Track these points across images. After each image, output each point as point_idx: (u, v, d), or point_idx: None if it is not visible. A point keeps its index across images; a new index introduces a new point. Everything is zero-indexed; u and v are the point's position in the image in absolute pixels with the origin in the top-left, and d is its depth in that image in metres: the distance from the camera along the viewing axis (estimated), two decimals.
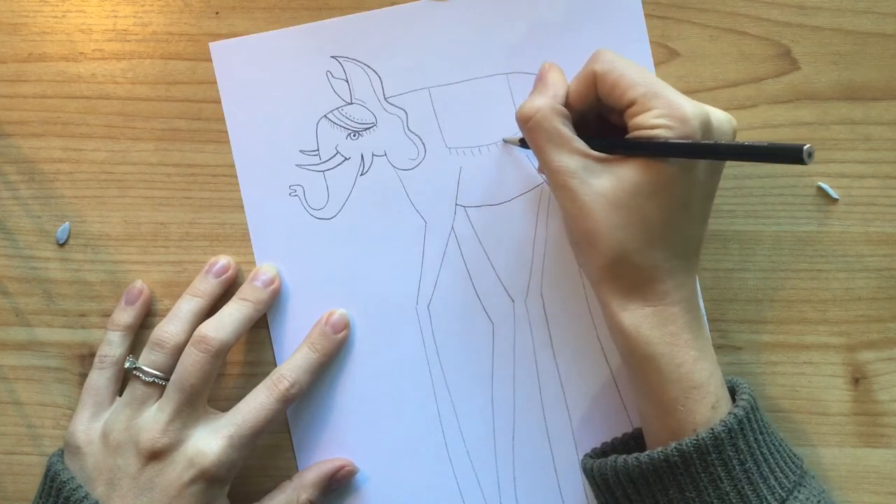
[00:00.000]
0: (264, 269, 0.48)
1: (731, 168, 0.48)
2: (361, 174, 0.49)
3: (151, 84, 0.49)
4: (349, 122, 0.48)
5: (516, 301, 0.48)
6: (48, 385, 0.50)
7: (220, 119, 0.49)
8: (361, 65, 0.48)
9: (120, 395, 0.46)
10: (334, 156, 0.49)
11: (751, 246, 0.48)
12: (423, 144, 0.49)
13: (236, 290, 0.48)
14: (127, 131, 0.49)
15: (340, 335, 0.48)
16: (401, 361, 0.48)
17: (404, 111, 0.49)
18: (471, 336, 0.48)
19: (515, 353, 0.48)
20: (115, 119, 0.49)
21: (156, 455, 0.43)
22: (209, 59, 0.49)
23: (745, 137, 0.48)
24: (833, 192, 0.48)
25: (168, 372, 0.45)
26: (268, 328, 0.49)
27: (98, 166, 0.49)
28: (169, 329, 0.46)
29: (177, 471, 0.43)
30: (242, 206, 0.49)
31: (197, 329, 0.45)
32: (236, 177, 0.49)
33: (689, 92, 0.48)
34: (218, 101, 0.49)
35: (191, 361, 0.44)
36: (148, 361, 0.45)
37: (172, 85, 0.49)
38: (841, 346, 0.48)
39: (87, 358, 0.49)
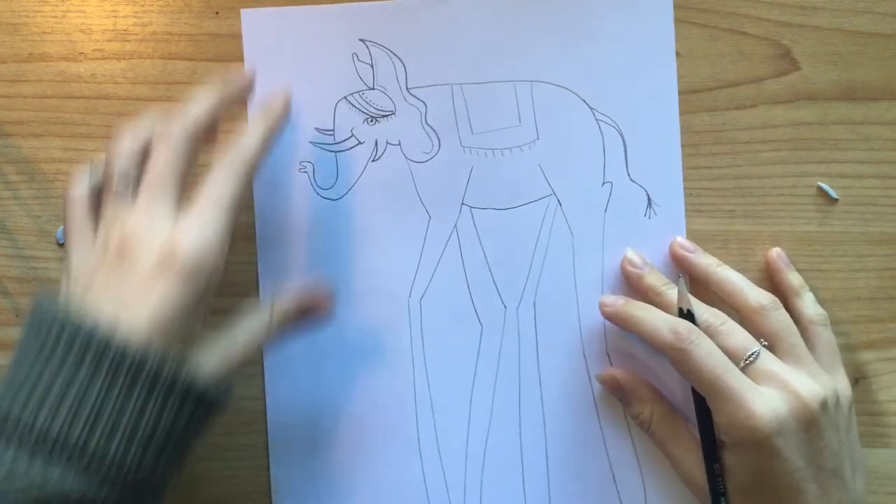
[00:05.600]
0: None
1: (731, 168, 0.48)
2: (373, 160, 0.49)
3: (151, 84, 0.49)
4: (368, 107, 0.48)
5: (508, 307, 0.48)
6: None
7: None
8: (388, 52, 0.48)
9: None
10: (349, 138, 0.48)
11: (751, 246, 0.48)
12: (439, 139, 0.48)
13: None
14: None
15: (283, 107, 0.45)
16: (385, 351, 0.48)
17: (424, 104, 0.48)
18: (458, 336, 0.48)
19: (500, 361, 0.48)
20: (115, 119, 0.49)
21: (128, 248, 0.39)
22: (209, 59, 0.49)
23: (745, 137, 0.48)
24: (833, 192, 0.48)
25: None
26: None
27: None
28: (127, 138, 0.43)
29: (151, 260, 0.39)
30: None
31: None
32: None
33: (689, 92, 0.48)
34: None
35: (161, 150, 0.41)
36: (117, 172, 0.42)
37: (172, 85, 0.49)
38: (841, 346, 0.48)
39: None
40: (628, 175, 0.48)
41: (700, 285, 0.47)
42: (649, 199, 0.48)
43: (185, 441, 0.39)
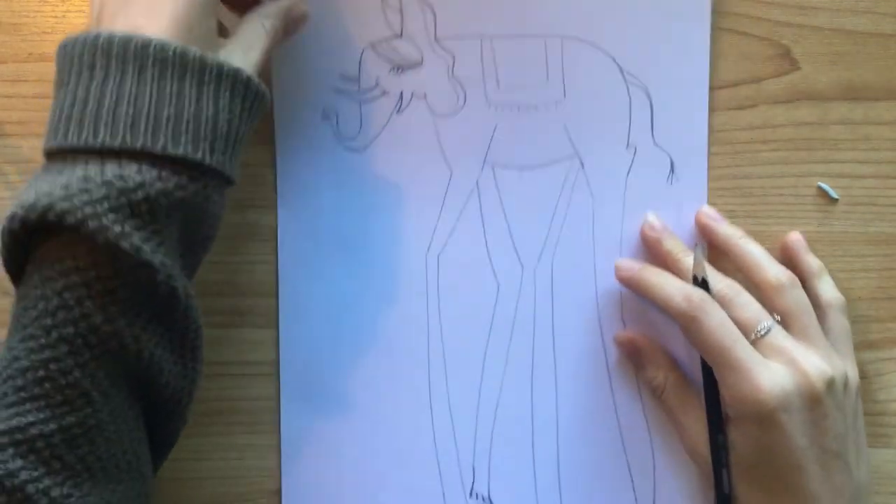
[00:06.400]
0: None
1: (731, 168, 0.48)
2: (398, 112, 0.48)
3: None
4: (395, 56, 0.47)
5: (525, 267, 0.48)
6: None
7: None
8: None
9: None
10: (374, 87, 0.47)
11: None
12: (465, 93, 0.47)
13: None
14: None
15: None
16: (400, 305, 0.48)
17: (452, 55, 0.47)
18: (474, 294, 0.48)
19: (515, 321, 0.48)
20: None
21: None
22: None
23: (745, 137, 0.48)
24: (833, 192, 0.48)
25: None
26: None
27: None
28: None
29: None
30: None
31: None
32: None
33: None
34: None
35: None
36: None
37: None
38: None
39: None
40: (653, 139, 0.47)
41: (720, 256, 0.46)
42: (672, 165, 0.48)
43: (242, 130, 0.39)
